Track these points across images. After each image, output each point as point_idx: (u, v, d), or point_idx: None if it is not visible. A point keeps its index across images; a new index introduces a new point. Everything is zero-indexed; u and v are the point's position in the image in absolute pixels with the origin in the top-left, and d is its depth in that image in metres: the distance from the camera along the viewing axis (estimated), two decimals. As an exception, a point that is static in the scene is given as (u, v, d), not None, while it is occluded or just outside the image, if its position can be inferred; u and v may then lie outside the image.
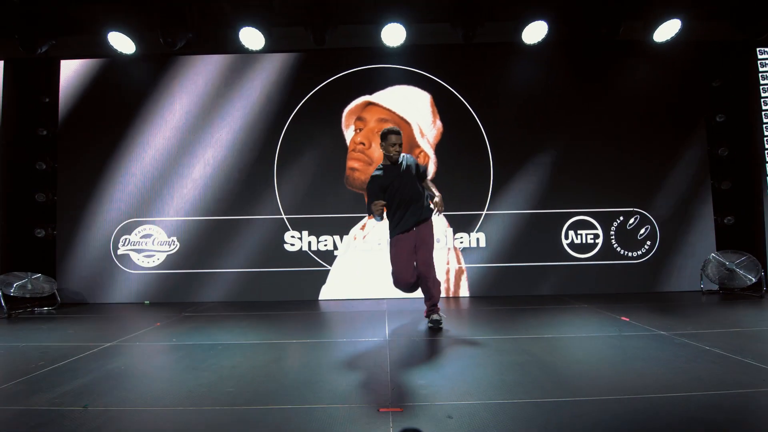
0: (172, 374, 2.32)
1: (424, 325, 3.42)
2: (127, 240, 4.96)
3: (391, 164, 3.15)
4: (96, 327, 3.66)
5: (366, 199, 3.30)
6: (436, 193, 3.19)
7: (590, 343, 2.82)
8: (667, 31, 4.92)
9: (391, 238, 3.17)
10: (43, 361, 2.54)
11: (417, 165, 3.24)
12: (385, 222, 3.22)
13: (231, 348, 2.79)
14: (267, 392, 1.98)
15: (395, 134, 3.12)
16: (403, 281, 3.08)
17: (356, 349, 2.78)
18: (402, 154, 3.16)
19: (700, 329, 3.07)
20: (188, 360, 2.54)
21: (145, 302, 4.86)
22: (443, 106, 5.03)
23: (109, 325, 3.72)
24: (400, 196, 3.10)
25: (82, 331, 3.49)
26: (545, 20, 4.71)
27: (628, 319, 3.46)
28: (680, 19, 4.82)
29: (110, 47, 4.90)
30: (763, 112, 5.00)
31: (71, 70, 5.10)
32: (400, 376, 2.18)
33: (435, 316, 3.21)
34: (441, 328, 3.18)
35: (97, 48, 5.03)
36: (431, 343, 2.90)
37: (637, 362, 2.34)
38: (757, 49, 5.01)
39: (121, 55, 4.99)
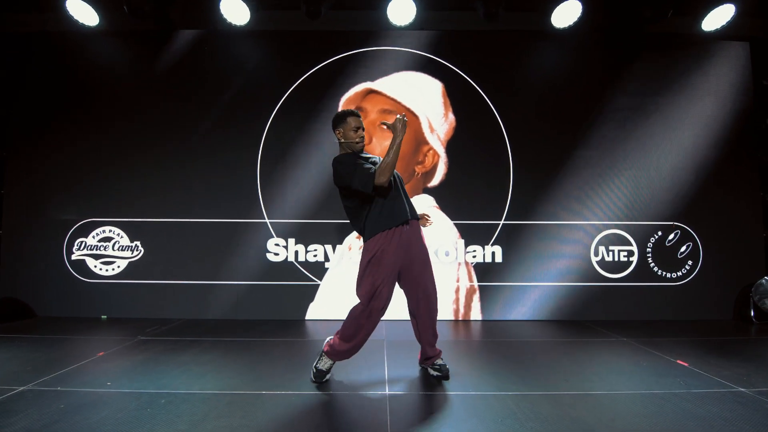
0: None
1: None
2: (84, 243, 4.23)
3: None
4: (26, 356, 2.93)
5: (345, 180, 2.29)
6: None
7: (656, 406, 2.12)
8: (717, 19, 4.26)
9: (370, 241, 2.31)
10: None
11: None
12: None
13: (177, 402, 2.08)
14: None
15: (353, 116, 2.35)
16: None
17: (346, 409, 2.08)
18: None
19: (789, 385, 2.39)
20: (111, 425, 1.83)
21: (102, 317, 4.14)
22: (457, 96, 4.33)
23: (43, 354, 2.99)
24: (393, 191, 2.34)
25: (5, 363, 2.77)
26: (579, 0, 4.03)
27: (687, 364, 2.78)
28: (733, 4, 4.17)
29: (70, 18, 4.19)
30: (823, 116, 4.33)
31: (29, 46, 4.36)
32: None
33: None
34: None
35: (56, 19, 4.31)
36: (442, 401, 2.20)
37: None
38: (821, 42, 4.34)
39: (83, 28, 4.27)
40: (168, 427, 1.82)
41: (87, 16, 4.19)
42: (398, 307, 4.11)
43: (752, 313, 4.10)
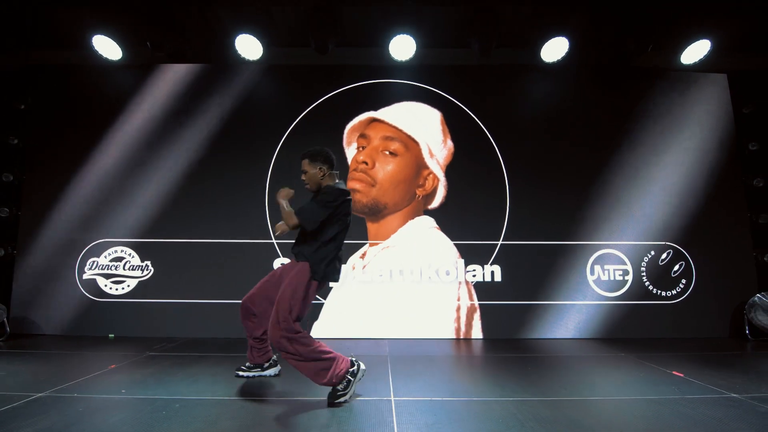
0: (102, 449, 1.70)
1: (434, 378, 2.81)
2: (95, 263, 4.36)
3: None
4: (39, 368, 3.01)
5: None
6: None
7: (652, 410, 2.21)
8: (695, 53, 4.62)
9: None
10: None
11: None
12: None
13: (190, 407, 2.16)
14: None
15: (302, 159, 2.49)
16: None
17: (354, 413, 2.17)
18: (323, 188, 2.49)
19: (780, 392, 2.48)
20: (130, 425, 1.92)
21: (110, 336, 4.21)
22: (455, 125, 4.60)
23: (55, 366, 3.07)
24: None
25: (19, 374, 2.85)
26: (567, 37, 4.38)
27: (682, 375, 2.86)
28: (708, 40, 4.53)
29: (95, 53, 4.52)
30: (800, 141, 4.60)
31: (51, 77, 4.68)
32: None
33: None
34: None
35: (81, 53, 4.65)
36: (446, 406, 2.28)
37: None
38: (792, 74, 4.67)
39: (106, 62, 4.60)
40: (184, 427, 1.90)
41: (111, 51, 4.52)
42: (400, 325, 4.21)
43: (747, 330, 4.19)
